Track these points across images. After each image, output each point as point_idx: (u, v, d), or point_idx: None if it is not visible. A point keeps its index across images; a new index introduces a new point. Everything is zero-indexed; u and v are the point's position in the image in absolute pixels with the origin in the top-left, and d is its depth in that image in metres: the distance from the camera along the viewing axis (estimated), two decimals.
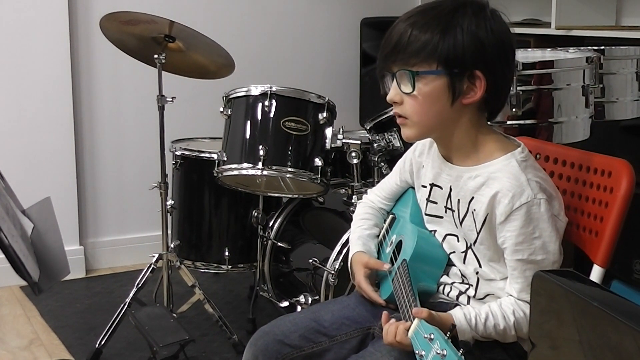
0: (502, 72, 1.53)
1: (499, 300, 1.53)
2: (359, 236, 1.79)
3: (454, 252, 1.62)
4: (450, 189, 1.60)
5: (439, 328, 1.44)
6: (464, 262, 1.60)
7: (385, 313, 1.50)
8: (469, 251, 1.58)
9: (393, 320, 1.46)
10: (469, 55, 1.48)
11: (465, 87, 1.50)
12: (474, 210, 1.54)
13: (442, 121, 1.54)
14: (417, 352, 1.31)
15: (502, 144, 1.57)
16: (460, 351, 1.24)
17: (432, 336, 1.30)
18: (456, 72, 1.48)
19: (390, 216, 1.82)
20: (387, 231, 1.79)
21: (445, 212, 1.62)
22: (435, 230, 1.66)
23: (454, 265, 1.62)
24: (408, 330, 1.39)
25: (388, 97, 1.56)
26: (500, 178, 1.50)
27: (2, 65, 3.30)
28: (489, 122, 1.62)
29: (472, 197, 1.54)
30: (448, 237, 1.63)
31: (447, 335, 1.30)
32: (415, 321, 1.37)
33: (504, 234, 1.50)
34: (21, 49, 3.32)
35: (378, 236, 1.82)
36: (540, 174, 1.54)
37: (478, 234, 1.54)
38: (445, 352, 1.25)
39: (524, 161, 1.53)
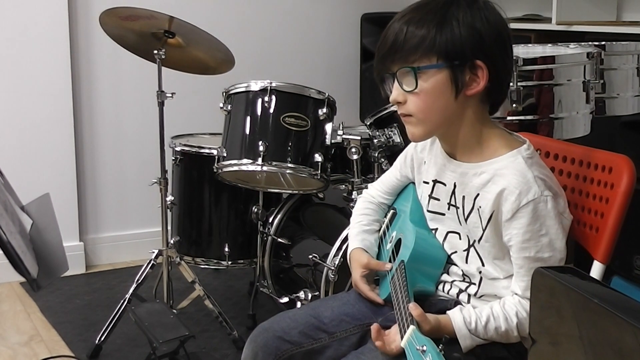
0: (502, 60, 1.53)
1: (502, 299, 1.52)
2: (358, 232, 1.79)
3: (455, 251, 1.61)
4: (455, 186, 1.59)
5: (436, 328, 1.46)
6: (467, 262, 1.59)
7: (375, 326, 1.49)
8: (471, 249, 1.57)
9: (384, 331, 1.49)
10: (468, 46, 1.47)
11: (467, 79, 1.49)
12: (480, 207, 1.53)
13: (447, 116, 1.53)
14: None
15: (507, 140, 1.56)
16: None
17: (424, 348, 1.29)
18: (457, 63, 1.47)
19: (391, 211, 1.81)
20: (387, 227, 1.79)
21: (449, 208, 1.61)
22: (436, 229, 1.65)
23: (456, 265, 1.62)
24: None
25: (391, 98, 1.55)
26: (507, 175, 1.50)
27: (1, 61, 3.30)
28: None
29: (478, 194, 1.54)
30: (450, 235, 1.62)
31: (440, 347, 1.29)
32: (409, 330, 1.37)
33: (510, 231, 1.49)
34: (21, 45, 3.32)
35: (378, 231, 1.81)
36: (545, 172, 1.53)
37: (484, 231, 1.53)
38: None
39: (529, 158, 1.52)
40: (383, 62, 1.53)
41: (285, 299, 2.65)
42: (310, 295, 2.49)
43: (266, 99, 2.53)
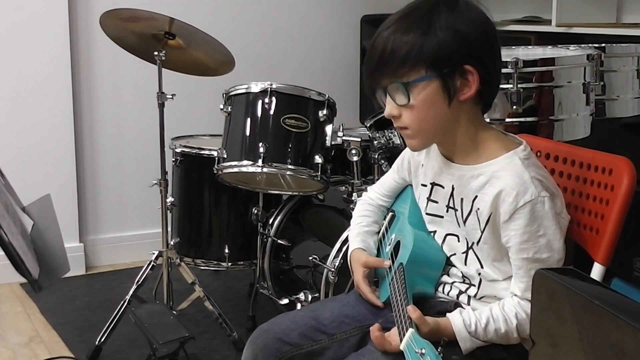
0: (491, 60, 1.52)
1: (502, 301, 1.52)
2: (358, 233, 1.79)
3: (454, 254, 1.61)
4: (453, 188, 1.59)
5: (435, 330, 1.45)
6: (466, 264, 1.59)
7: (376, 326, 1.49)
8: (470, 251, 1.57)
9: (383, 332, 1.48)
10: (455, 52, 1.46)
11: (458, 84, 1.48)
12: (478, 209, 1.53)
13: (443, 124, 1.53)
14: None
15: (503, 142, 1.56)
16: None
17: (423, 351, 1.30)
18: (446, 71, 1.47)
19: (390, 214, 1.81)
20: (386, 229, 1.79)
21: (447, 211, 1.61)
22: (435, 231, 1.65)
23: (455, 266, 1.62)
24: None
25: (386, 114, 1.55)
26: (504, 176, 1.50)
27: (1, 61, 3.30)
28: (489, 120, 1.61)
29: (476, 196, 1.54)
30: (448, 237, 1.62)
31: (438, 350, 1.30)
32: (408, 333, 1.36)
33: (508, 232, 1.49)
34: (21, 46, 3.32)
35: (378, 233, 1.81)
36: (542, 172, 1.53)
37: (482, 233, 1.53)
38: None
39: (526, 159, 1.52)
40: (372, 76, 1.53)
41: (285, 301, 2.65)
42: (310, 297, 2.50)
43: (266, 100, 2.54)
